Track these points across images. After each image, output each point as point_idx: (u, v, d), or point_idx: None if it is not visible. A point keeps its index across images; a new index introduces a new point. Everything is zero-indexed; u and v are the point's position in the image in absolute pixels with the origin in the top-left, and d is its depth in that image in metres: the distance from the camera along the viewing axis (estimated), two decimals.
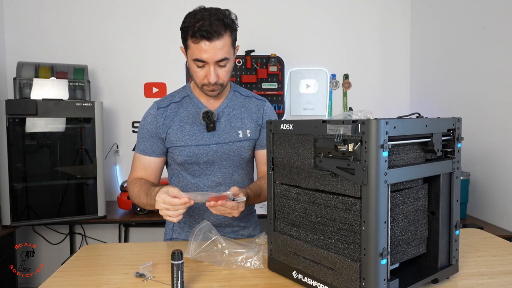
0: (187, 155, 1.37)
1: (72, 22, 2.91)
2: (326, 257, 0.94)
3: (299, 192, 1.02)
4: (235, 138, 1.39)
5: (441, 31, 2.78)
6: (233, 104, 1.43)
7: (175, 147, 1.38)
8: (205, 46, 1.22)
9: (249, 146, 1.42)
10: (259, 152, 1.46)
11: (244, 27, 3.09)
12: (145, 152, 1.41)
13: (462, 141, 1.04)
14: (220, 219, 1.44)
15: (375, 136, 0.82)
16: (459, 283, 1.04)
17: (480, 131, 2.37)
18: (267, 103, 1.49)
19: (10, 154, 2.33)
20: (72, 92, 2.54)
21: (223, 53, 1.25)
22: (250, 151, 1.44)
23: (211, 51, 1.23)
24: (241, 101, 1.45)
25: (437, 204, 1.03)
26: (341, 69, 3.13)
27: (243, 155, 1.42)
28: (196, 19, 1.22)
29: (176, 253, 0.96)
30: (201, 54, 1.24)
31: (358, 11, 3.12)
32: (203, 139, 1.37)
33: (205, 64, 1.26)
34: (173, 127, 1.38)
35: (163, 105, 1.41)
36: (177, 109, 1.41)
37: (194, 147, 1.37)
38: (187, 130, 1.38)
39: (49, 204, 2.45)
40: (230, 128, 1.40)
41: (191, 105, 1.41)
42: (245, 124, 1.42)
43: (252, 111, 1.44)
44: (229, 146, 1.39)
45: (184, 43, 1.30)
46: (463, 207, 2.35)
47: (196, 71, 1.29)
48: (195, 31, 1.21)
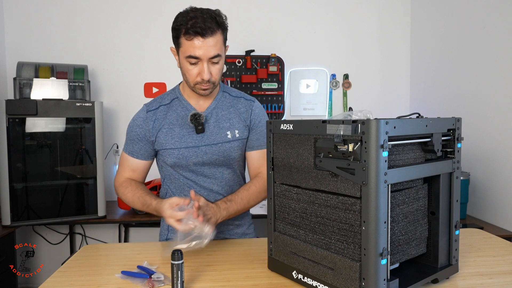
0: (177, 158, 1.38)
1: (72, 22, 2.91)
2: (326, 257, 0.94)
3: (299, 192, 1.02)
4: (223, 139, 1.39)
5: (441, 31, 2.78)
6: (222, 105, 1.44)
7: (165, 150, 1.39)
8: (198, 42, 1.24)
9: (238, 146, 1.42)
10: (249, 153, 1.46)
11: (244, 27, 3.11)
12: (133, 154, 1.43)
13: (462, 141, 1.04)
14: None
15: (375, 136, 0.82)
16: (459, 283, 1.04)
17: (480, 131, 2.37)
18: (256, 103, 1.48)
19: (10, 154, 2.32)
20: (72, 92, 2.54)
21: (216, 50, 1.27)
22: (240, 151, 1.44)
23: (204, 48, 1.25)
24: (230, 101, 1.45)
25: (437, 204, 1.03)
26: (341, 69, 3.13)
27: (233, 155, 1.42)
28: (188, 17, 1.24)
29: (176, 253, 0.96)
30: (194, 50, 1.25)
31: (358, 11, 3.12)
32: (192, 141, 1.38)
33: (198, 61, 1.27)
34: (163, 130, 1.39)
35: (152, 108, 1.42)
36: (166, 112, 1.41)
37: (184, 150, 1.37)
38: (176, 132, 1.38)
39: (49, 204, 2.45)
40: (218, 129, 1.40)
41: (180, 107, 1.41)
42: (234, 125, 1.42)
43: (240, 111, 1.44)
44: (218, 147, 1.39)
45: (176, 42, 1.30)
46: (463, 207, 2.35)
47: (189, 69, 1.30)
48: (188, 28, 1.23)
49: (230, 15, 3.52)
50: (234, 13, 3.11)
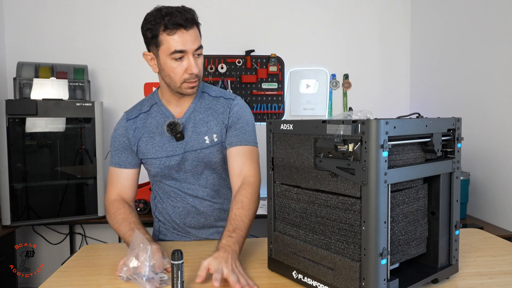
0: (159, 167, 1.35)
1: (72, 22, 2.91)
2: (326, 257, 0.94)
3: (299, 192, 1.02)
4: (202, 145, 1.34)
5: (441, 31, 2.78)
6: (200, 108, 1.37)
7: (147, 159, 1.36)
8: (182, 35, 1.19)
9: (218, 151, 1.36)
10: (229, 150, 1.35)
11: (244, 27, 3.11)
12: (120, 165, 1.38)
13: (462, 141, 1.04)
14: (201, 222, 1.43)
15: (375, 136, 0.82)
16: (459, 283, 1.04)
17: (480, 131, 2.37)
18: (236, 101, 1.38)
19: (10, 154, 2.33)
20: (72, 92, 2.54)
21: (199, 41, 1.24)
22: (221, 154, 1.37)
23: (189, 39, 1.20)
24: (208, 102, 1.39)
25: (437, 204, 1.03)
26: (341, 69, 3.13)
27: (214, 160, 1.36)
28: (163, 13, 1.19)
29: (176, 253, 0.96)
30: (179, 44, 1.19)
31: (358, 11, 3.12)
32: (172, 150, 1.34)
33: (184, 55, 1.22)
34: (143, 139, 1.36)
35: (132, 116, 1.39)
36: (145, 120, 1.37)
37: (165, 159, 1.34)
38: (156, 141, 1.35)
39: (49, 204, 2.45)
40: (196, 135, 1.34)
41: (159, 114, 1.37)
42: (211, 128, 1.35)
43: (218, 112, 1.36)
44: (198, 154, 1.34)
45: (153, 42, 1.23)
46: (463, 207, 2.35)
47: (174, 67, 1.24)
48: (167, 23, 1.18)
49: (230, 15, 3.52)
50: (234, 13, 3.12)
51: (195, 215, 1.42)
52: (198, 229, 1.44)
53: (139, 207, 2.54)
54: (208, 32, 3.10)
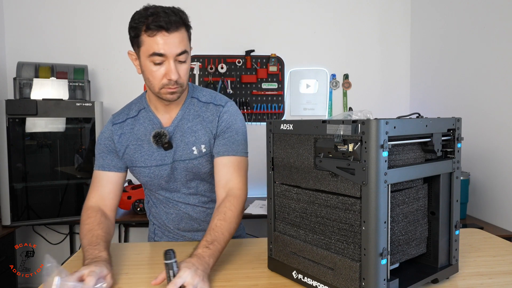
0: (148, 176, 1.31)
1: (72, 22, 2.91)
2: (326, 257, 0.94)
3: (299, 192, 1.02)
4: (189, 156, 1.29)
5: (441, 31, 2.78)
6: (188, 115, 1.31)
7: (135, 168, 1.31)
8: (163, 37, 1.12)
9: (207, 161, 1.31)
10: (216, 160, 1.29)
11: (244, 27, 3.11)
12: (104, 167, 1.30)
13: (462, 141, 1.04)
14: (195, 227, 1.41)
15: (375, 136, 0.82)
16: (459, 283, 1.04)
17: (480, 131, 2.37)
18: (226, 108, 1.31)
19: (10, 154, 2.33)
20: (72, 92, 2.54)
21: (183, 46, 1.15)
22: (210, 165, 1.32)
23: (170, 43, 1.13)
24: (198, 109, 1.31)
25: (437, 204, 1.03)
26: (341, 69, 3.13)
27: (203, 171, 1.32)
28: (148, 13, 1.13)
29: (168, 253, 0.94)
30: (158, 47, 1.12)
31: (358, 11, 3.12)
32: (161, 159, 1.29)
33: (164, 60, 1.15)
34: (131, 147, 1.30)
35: (118, 121, 1.32)
36: (133, 125, 1.31)
37: (154, 168, 1.30)
38: (145, 149, 1.29)
39: (49, 204, 2.45)
40: (184, 145, 1.29)
41: (147, 120, 1.31)
42: (199, 138, 1.29)
43: (207, 121, 1.30)
44: (186, 164, 1.29)
45: (135, 41, 1.18)
46: (463, 207, 2.35)
47: (153, 70, 1.16)
48: (150, 23, 1.12)
49: (230, 15, 3.52)
50: (234, 13, 3.12)
51: (188, 220, 1.39)
52: (192, 232, 1.43)
53: (139, 207, 2.54)
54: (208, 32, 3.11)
